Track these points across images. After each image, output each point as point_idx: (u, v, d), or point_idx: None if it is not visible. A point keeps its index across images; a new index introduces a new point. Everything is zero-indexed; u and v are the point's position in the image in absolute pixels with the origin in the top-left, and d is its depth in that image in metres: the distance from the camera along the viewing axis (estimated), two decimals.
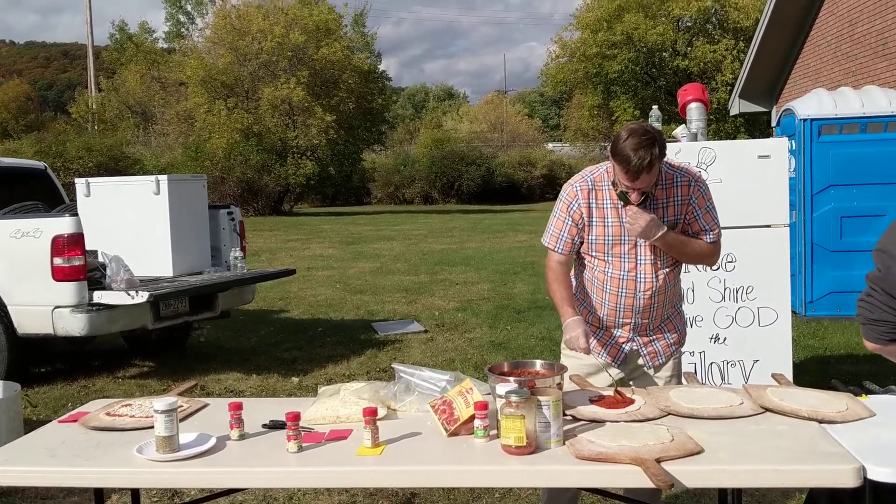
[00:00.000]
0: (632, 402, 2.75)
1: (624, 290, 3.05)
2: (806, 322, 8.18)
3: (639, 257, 3.03)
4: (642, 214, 2.92)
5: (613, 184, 2.96)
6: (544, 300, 3.45)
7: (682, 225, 3.06)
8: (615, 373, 3.14)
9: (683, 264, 3.20)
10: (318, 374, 6.85)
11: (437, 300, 10.37)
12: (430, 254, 15.77)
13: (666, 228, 2.98)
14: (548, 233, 3.11)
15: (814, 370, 6.35)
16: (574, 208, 3.04)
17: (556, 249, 3.09)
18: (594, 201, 3.03)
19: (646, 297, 3.05)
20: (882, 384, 5.66)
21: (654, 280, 3.05)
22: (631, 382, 3.15)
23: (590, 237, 3.06)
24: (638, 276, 3.04)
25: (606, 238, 3.03)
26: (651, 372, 3.18)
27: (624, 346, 3.16)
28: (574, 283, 3.22)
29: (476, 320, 8.89)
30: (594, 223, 3.04)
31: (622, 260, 3.04)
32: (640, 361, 3.18)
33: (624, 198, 2.93)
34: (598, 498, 3.67)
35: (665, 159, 3.03)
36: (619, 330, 3.14)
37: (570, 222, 3.05)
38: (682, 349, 3.29)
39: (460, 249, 16.42)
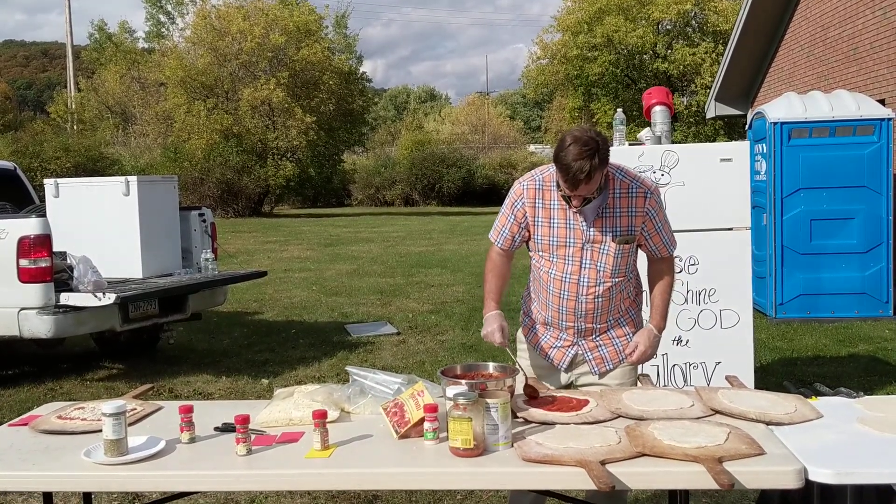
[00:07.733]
0: (556, 400, 2.78)
1: (566, 293, 3.03)
2: (776, 324, 8.25)
3: (584, 261, 2.99)
4: (645, 344, 3.08)
5: (558, 185, 2.91)
6: (517, 303, 3.47)
7: (640, 237, 3.02)
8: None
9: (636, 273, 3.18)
10: (289, 375, 6.83)
11: (412, 302, 10.37)
12: (408, 256, 15.76)
13: (656, 332, 3.12)
14: (493, 227, 3.15)
15: (781, 372, 6.40)
16: (518, 206, 3.04)
17: (495, 243, 3.14)
18: (540, 201, 3.00)
19: (588, 301, 3.02)
20: (836, 386, 5.71)
21: (598, 285, 3.01)
22: (581, 388, 3.12)
23: (535, 236, 3.05)
24: (581, 279, 3.01)
25: (551, 239, 3.01)
26: (596, 378, 3.13)
27: (569, 349, 3.13)
28: (530, 281, 3.22)
29: (449, 322, 8.90)
30: (539, 223, 3.02)
31: (566, 262, 3.01)
32: (586, 367, 3.14)
33: (568, 201, 2.92)
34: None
35: (621, 167, 3.02)
36: (564, 333, 3.12)
37: (512, 219, 3.07)
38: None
39: (437, 252, 16.43)
